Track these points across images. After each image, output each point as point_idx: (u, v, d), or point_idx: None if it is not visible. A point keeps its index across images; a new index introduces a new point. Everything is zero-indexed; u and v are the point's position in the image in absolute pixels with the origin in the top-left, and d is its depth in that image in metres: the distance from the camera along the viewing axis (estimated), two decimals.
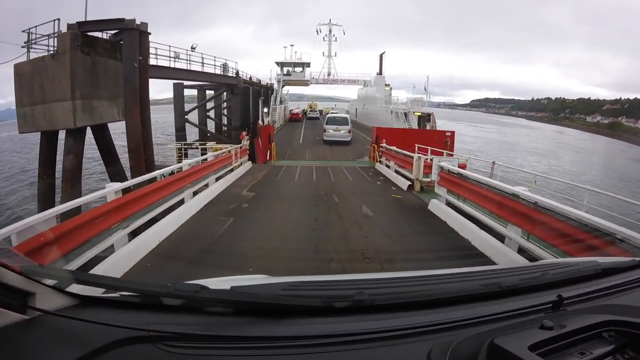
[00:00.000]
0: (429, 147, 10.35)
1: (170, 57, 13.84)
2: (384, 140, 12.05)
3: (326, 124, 19.08)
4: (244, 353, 0.78)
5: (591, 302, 0.99)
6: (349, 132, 18.53)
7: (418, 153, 9.20)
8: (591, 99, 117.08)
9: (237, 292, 0.91)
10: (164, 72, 13.67)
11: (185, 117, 21.73)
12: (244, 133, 14.40)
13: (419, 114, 23.32)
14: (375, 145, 12.81)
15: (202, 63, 17.32)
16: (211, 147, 12.01)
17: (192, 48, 15.75)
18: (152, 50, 12.56)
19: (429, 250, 4.32)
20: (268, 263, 3.55)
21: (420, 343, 0.78)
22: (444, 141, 13.02)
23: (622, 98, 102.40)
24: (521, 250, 3.64)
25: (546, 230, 3.27)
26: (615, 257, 1.72)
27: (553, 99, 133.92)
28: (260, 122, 17.78)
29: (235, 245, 4.42)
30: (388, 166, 10.71)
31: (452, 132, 13.89)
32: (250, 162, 12.28)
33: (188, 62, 15.33)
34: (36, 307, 0.79)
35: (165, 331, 0.78)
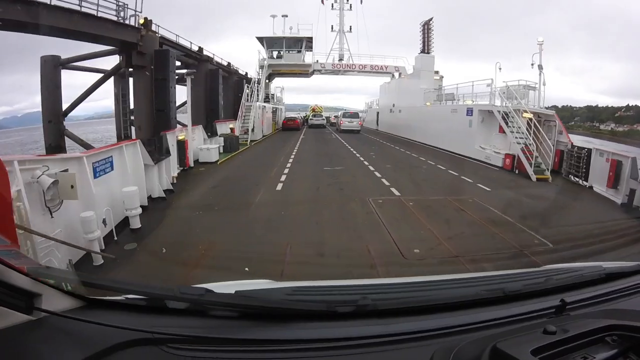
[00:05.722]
0: None
1: None
2: None
3: (342, 117, 24.89)
4: (248, 356, 0.78)
5: (595, 307, 0.99)
6: (360, 124, 24.61)
7: None
8: (599, 106, 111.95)
9: (242, 295, 0.94)
10: None
11: (63, 124, 11.23)
12: None
13: (530, 115, 10.62)
14: None
15: None
16: None
17: None
18: None
19: None
20: None
21: (423, 348, 0.78)
22: None
23: (630, 104, 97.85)
24: None
25: None
26: (620, 262, 1.58)
27: (559, 107, 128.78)
28: None
29: None
30: None
31: None
32: None
33: None
34: (42, 308, 0.78)
35: (170, 333, 0.79)
